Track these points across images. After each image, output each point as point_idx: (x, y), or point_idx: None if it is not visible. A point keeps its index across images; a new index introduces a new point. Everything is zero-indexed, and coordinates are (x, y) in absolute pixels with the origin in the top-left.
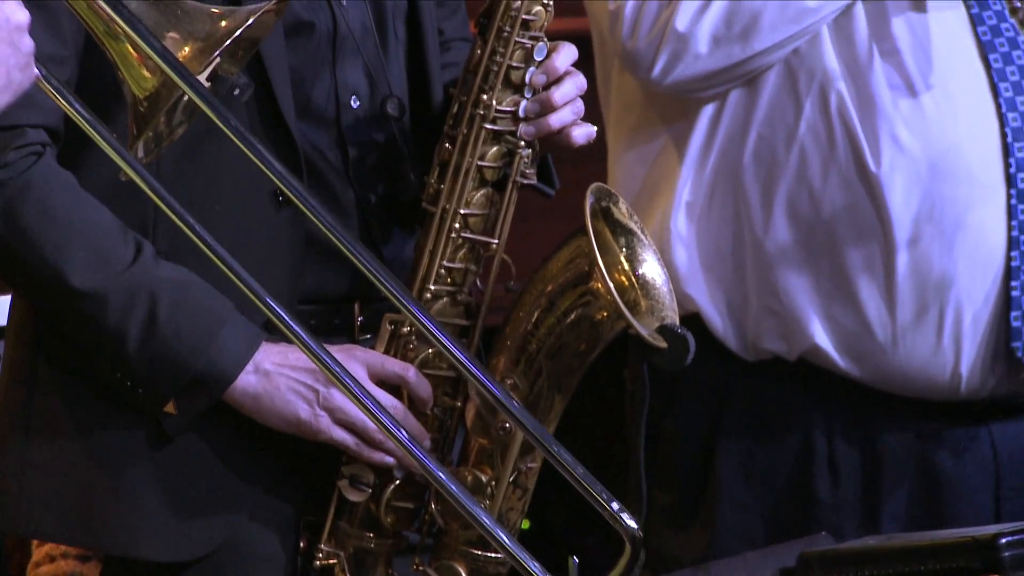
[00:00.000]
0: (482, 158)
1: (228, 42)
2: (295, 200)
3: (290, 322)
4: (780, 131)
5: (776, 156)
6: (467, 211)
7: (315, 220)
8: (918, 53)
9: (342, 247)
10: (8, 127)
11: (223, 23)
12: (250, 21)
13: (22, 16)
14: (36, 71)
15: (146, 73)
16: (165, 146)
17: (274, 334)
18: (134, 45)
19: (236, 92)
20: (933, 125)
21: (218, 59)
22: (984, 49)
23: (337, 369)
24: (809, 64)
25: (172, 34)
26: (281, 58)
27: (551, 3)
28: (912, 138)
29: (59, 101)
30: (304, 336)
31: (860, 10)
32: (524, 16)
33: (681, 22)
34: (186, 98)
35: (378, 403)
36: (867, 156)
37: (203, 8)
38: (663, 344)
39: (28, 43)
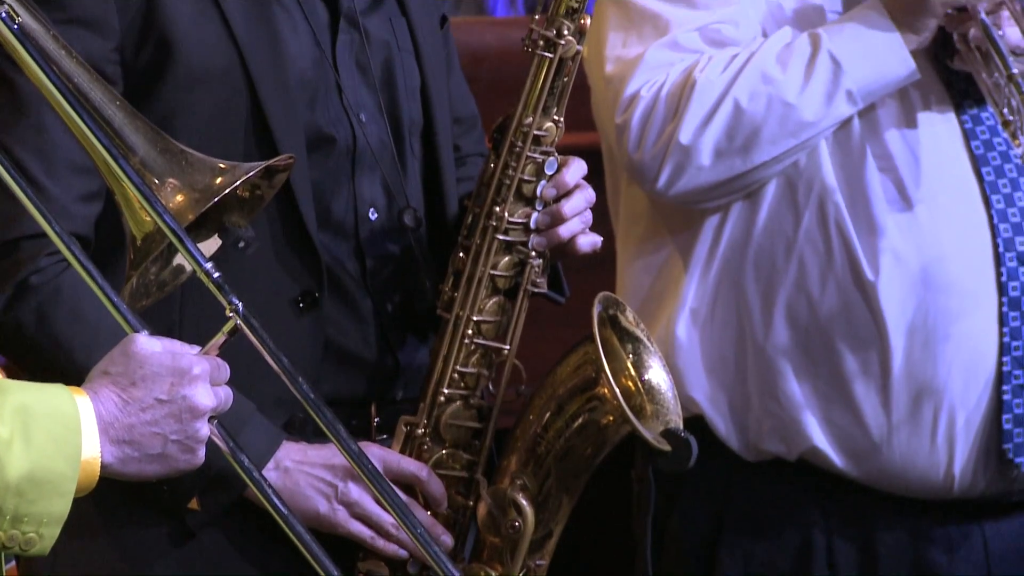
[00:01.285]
0: (495, 267)
1: (221, 195)
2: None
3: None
4: (780, 241)
5: (776, 265)
6: (480, 318)
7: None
8: (913, 167)
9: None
10: (41, 234)
11: (220, 179)
12: (245, 177)
13: (205, 402)
14: (200, 458)
15: (145, 216)
16: (152, 301)
17: (294, 434)
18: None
19: (241, 244)
20: (927, 235)
21: (224, 212)
22: (977, 162)
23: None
24: (808, 177)
25: (172, 180)
26: (304, 171)
27: (561, 120)
28: (907, 247)
29: (57, 242)
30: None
31: (856, 124)
32: (535, 132)
33: (685, 135)
34: (175, 261)
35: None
36: (863, 266)
37: (207, 161)
38: (667, 447)
39: (201, 430)
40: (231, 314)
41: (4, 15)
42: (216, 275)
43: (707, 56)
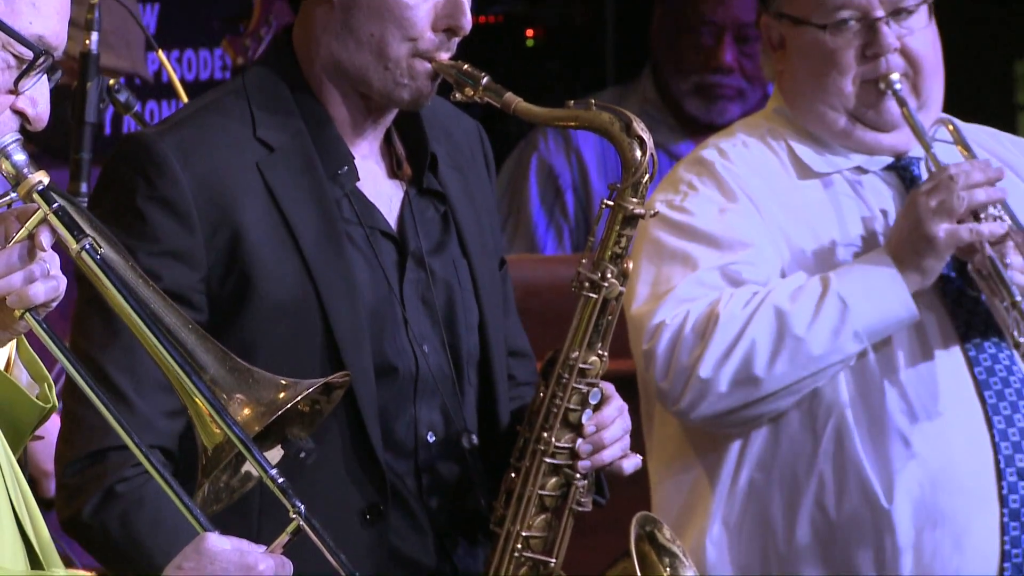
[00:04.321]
0: (543, 488)
1: (284, 408)
2: None
3: None
4: (801, 462)
5: (797, 483)
6: (529, 533)
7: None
8: (922, 392)
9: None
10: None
11: (283, 393)
12: (306, 392)
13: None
14: None
15: (215, 429)
16: (223, 506)
17: None
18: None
19: (303, 455)
20: (934, 456)
21: (287, 425)
22: (980, 387)
23: None
24: (827, 402)
25: (239, 396)
26: (372, 396)
27: (606, 354)
28: (916, 470)
29: (137, 453)
30: None
31: (871, 356)
32: (581, 365)
33: (704, 369)
34: (243, 469)
35: None
36: (876, 488)
37: (272, 378)
38: None
39: None
40: (294, 516)
41: (88, 247)
42: (280, 480)
43: (728, 292)
